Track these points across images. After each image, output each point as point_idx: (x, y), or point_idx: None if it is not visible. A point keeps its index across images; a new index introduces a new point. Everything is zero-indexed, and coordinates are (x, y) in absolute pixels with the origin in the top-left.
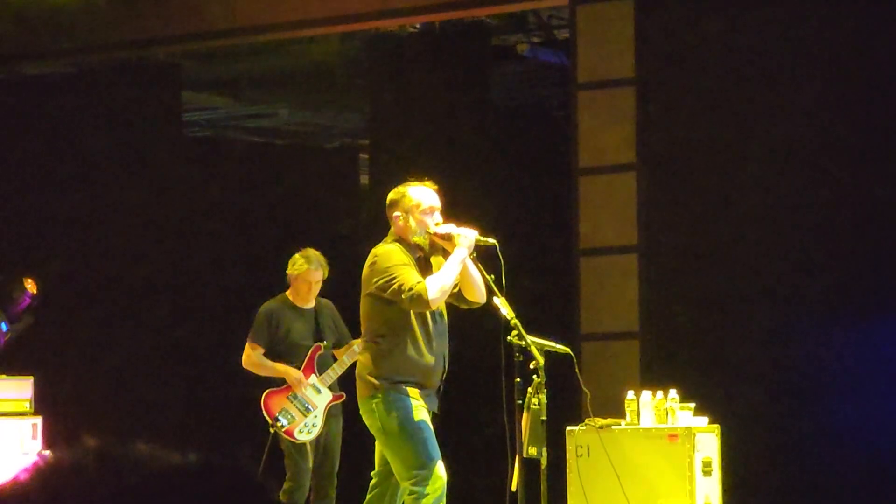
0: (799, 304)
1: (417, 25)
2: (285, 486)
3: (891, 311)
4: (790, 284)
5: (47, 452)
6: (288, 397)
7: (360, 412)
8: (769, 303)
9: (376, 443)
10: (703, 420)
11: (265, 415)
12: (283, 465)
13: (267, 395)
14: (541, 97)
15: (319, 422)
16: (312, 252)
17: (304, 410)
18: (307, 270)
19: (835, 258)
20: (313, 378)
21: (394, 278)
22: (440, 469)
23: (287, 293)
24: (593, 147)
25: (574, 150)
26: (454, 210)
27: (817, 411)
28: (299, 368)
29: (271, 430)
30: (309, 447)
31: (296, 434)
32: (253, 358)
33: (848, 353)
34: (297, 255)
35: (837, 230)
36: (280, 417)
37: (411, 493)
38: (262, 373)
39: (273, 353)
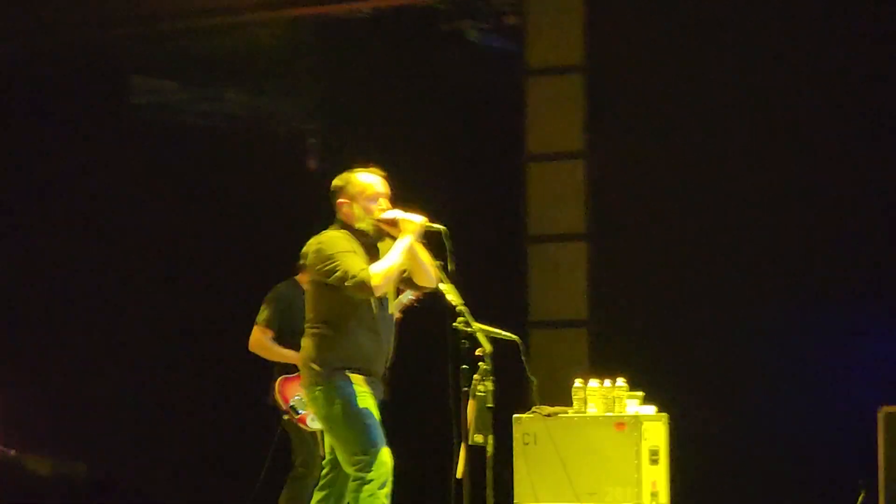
0: (748, 294)
1: (367, 10)
2: (297, 472)
3: (840, 302)
4: (739, 274)
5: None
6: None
7: (306, 400)
8: (718, 291)
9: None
10: (651, 409)
11: (279, 402)
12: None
13: (281, 381)
14: (490, 83)
15: None
16: None
17: None
18: None
19: (785, 249)
20: None
21: (337, 265)
22: (385, 455)
23: (300, 278)
24: (542, 134)
25: (523, 136)
26: (403, 196)
27: (765, 401)
28: None
29: (285, 418)
30: (319, 436)
31: (308, 422)
32: (263, 342)
33: (796, 342)
34: None
35: (788, 220)
36: (294, 405)
37: (355, 478)
38: (272, 357)
39: (281, 339)
